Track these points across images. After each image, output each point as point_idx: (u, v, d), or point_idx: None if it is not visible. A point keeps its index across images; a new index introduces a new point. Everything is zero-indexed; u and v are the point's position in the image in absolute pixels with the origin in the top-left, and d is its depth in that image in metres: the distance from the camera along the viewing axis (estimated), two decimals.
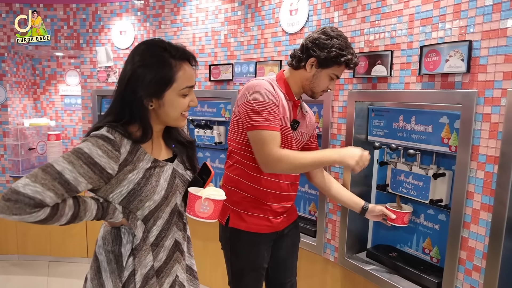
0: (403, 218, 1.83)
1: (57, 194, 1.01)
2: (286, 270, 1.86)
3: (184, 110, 1.21)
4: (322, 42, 1.58)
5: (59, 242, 3.78)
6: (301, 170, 1.65)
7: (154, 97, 1.15)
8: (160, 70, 1.13)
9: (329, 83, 1.65)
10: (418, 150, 1.83)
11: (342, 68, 1.65)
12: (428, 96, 1.69)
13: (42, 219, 1.01)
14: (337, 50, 1.57)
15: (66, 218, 1.06)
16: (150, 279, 1.20)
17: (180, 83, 1.16)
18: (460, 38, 1.55)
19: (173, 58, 1.15)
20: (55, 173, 1.01)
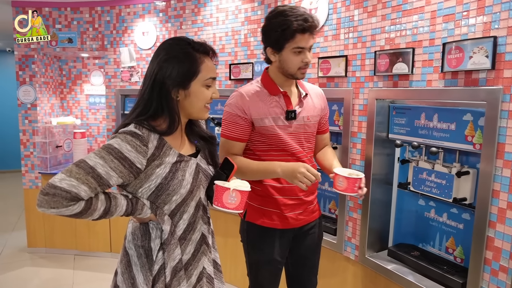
0: (354, 185, 1.50)
1: (90, 187, 1.06)
2: (306, 268, 1.85)
3: (207, 101, 1.26)
4: (265, 30, 1.60)
5: (84, 237, 3.88)
6: (247, 177, 1.60)
7: (181, 87, 1.20)
8: (186, 62, 1.19)
9: (299, 57, 1.58)
10: (440, 148, 1.79)
11: (300, 39, 1.55)
12: (451, 93, 1.65)
13: (77, 213, 1.06)
14: (278, 29, 1.53)
15: (99, 213, 1.11)
16: (179, 272, 1.24)
17: (204, 74, 1.22)
18: (485, 34, 1.51)
19: (197, 51, 1.22)
20: (88, 168, 1.06)
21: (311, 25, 1.54)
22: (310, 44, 1.59)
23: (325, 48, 2.27)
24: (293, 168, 1.50)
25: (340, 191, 1.53)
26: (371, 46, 2.02)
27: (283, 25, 1.52)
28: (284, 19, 1.53)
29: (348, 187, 1.50)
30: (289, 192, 1.70)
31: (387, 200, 2.14)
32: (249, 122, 1.63)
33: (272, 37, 1.58)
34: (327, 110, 1.85)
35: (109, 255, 3.81)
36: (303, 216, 1.75)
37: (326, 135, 1.87)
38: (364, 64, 2.06)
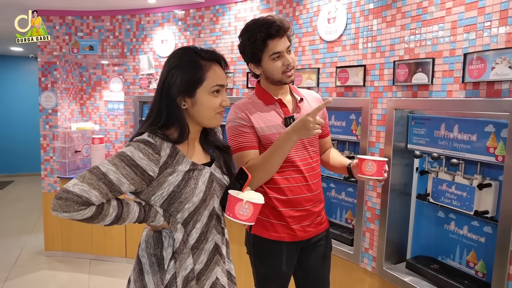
0: (382, 168, 1.51)
1: (101, 193, 1.09)
2: (316, 281, 1.81)
3: (216, 109, 1.25)
4: (240, 48, 1.62)
5: (100, 241, 3.94)
6: (270, 169, 1.53)
7: (186, 95, 1.22)
8: (190, 70, 1.21)
9: (279, 62, 1.57)
10: (461, 159, 1.77)
11: (272, 45, 1.55)
12: (473, 104, 1.64)
13: (88, 217, 1.09)
14: (249, 43, 1.55)
15: (110, 219, 1.14)
16: (190, 282, 1.24)
17: (210, 82, 1.22)
18: (507, 45, 1.49)
19: (203, 59, 1.23)
20: (100, 174, 1.10)
21: (278, 29, 1.53)
22: (285, 46, 1.57)
23: (343, 57, 2.28)
24: (302, 122, 1.41)
25: (369, 175, 1.50)
26: (390, 56, 2.01)
27: (251, 37, 1.54)
28: (251, 32, 1.55)
29: (377, 171, 1.49)
30: (295, 203, 1.66)
31: (406, 211, 2.12)
32: (254, 129, 1.61)
33: (247, 53, 1.59)
34: (326, 113, 1.83)
35: (124, 260, 3.86)
36: (310, 228, 1.71)
37: (328, 138, 1.85)
38: (383, 74, 2.05)
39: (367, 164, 1.50)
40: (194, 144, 1.32)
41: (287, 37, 1.59)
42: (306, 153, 1.67)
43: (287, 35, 1.59)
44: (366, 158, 1.51)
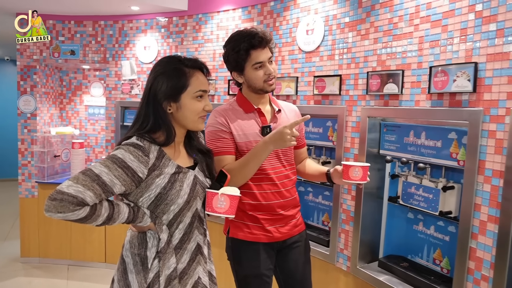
0: (367, 173, 1.61)
1: (95, 193, 1.15)
2: (298, 283, 1.86)
3: (200, 113, 1.35)
4: (224, 57, 1.72)
5: (79, 246, 3.93)
6: (245, 174, 1.63)
7: (171, 100, 1.31)
8: (175, 76, 1.30)
9: (261, 71, 1.67)
10: (428, 164, 1.93)
11: (255, 55, 1.65)
12: (437, 113, 1.80)
13: (82, 217, 1.14)
14: (233, 53, 1.65)
15: (102, 219, 1.20)
16: (173, 280, 1.31)
17: (194, 87, 1.32)
18: (467, 60, 1.66)
19: (186, 66, 1.33)
20: (94, 176, 1.16)
21: (260, 40, 1.63)
22: (267, 57, 1.67)
23: (321, 67, 2.42)
24: (279, 134, 1.52)
25: (356, 181, 1.59)
26: (363, 66, 2.17)
27: (235, 47, 1.64)
28: (235, 42, 1.65)
29: (363, 176, 1.58)
30: (268, 208, 1.73)
31: (378, 213, 2.27)
32: (232, 135, 1.69)
33: (231, 62, 1.68)
34: (303, 125, 1.93)
35: (104, 265, 3.87)
36: (285, 230, 1.77)
37: (304, 149, 1.95)
38: (357, 84, 2.21)
39: (354, 170, 1.59)
40: (179, 147, 1.41)
41: (269, 48, 1.70)
42: (279, 162, 1.75)
43: (269, 47, 1.70)
44: (352, 164, 1.60)
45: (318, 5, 2.44)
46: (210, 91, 1.40)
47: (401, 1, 1.97)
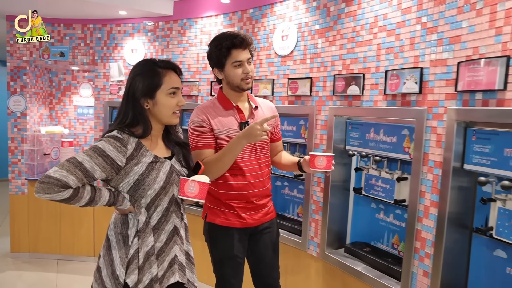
0: (331, 162, 1.80)
1: (78, 178, 1.36)
2: (266, 264, 2.04)
3: (173, 108, 1.54)
4: (208, 54, 1.90)
5: (68, 241, 4.12)
6: (222, 166, 1.81)
7: (148, 97, 1.49)
8: (150, 76, 1.50)
9: (240, 70, 1.84)
10: (385, 157, 2.18)
11: (235, 54, 1.82)
12: (392, 112, 2.06)
13: (66, 198, 1.35)
14: (216, 50, 1.84)
15: (85, 200, 1.41)
16: (151, 256, 1.51)
17: (167, 85, 1.51)
18: (415, 65, 1.92)
19: (160, 67, 1.52)
20: (77, 163, 1.37)
21: (241, 40, 1.82)
22: (246, 57, 1.85)
23: (294, 70, 2.67)
24: (250, 129, 1.70)
25: (321, 169, 1.79)
26: (331, 70, 2.42)
27: (219, 45, 1.83)
28: (218, 41, 1.84)
29: (327, 164, 1.78)
30: (242, 197, 1.91)
31: (345, 204, 2.52)
32: (212, 131, 1.86)
33: (213, 58, 1.86)
34: (278, 120, 2.13)
35: (93, 259, 4.06)
36: (257, 217, 1.97)
37: (279, 142, 2.16)
38: (326, 85, 2.46)
39: (319, 159, 1.81)
40: (157, 140, 1.60)
41: (249, 51, 1.90)
42: (256, 155, 1.95)
43: (249, 49, 1.89)
44: (317, 154, 1.83)
45: (292, 13, 2.69)
46: (182, 88, 1.59)
47: (362, 11, 2.23)
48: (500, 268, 1.69)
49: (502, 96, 1.54)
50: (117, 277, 1.46)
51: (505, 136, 1.58)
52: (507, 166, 1.56)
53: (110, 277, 1.48)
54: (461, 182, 1.75)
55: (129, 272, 1.46)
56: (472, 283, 1.80)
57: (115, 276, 1.46)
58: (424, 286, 1.87)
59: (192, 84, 3.38)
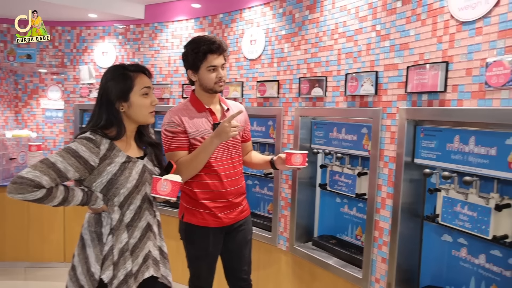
0: (305, 159, 1.95)
1: (51, 178, 1.43)
2: (240, 260, 2.16)
3: (148, 108, 1.63)
4: (184, 55, 2.01)
5: (36, 248, 4.09)
6: (196, 166, 1.92)
7: (122, 100, 1.58)
8: (122, 80, 1.60)
9: (214, 74, 1.95)
10: (347, 154, 2.40)
11: (211, 59, 1.93)
12: (352, 112, 2.27)
13: (39, 198, 1.42)
14: (192, 53, 1.93)
15: (58, 200, 1.48)
16: (125, 252, 1.58)
17: (139, 86, 1.61)
18: (371, 69, 2.14)
19: (130, 71, 1.62)
20: (50, 163, 1.44)
21: (218, 46, 1.93)
22: (221, 62, 1.96)
23: (262, 73, 2.86)
24: (220, 128, 1.83)
25: (297, 165, 1.93)
26: (296, 73, 2.62)
27: (195, 49, 1.93)
28: (196, 44, 1.94)
29: (303, 161, 1.93)
30: (219, 196, 2.02)
31: (312, 199, 2.72)
32: (186, 133, 1.95)
33: (189, 60, 1.96)
34: (248, 121, 2.24)
35: (63, 265, 4.04)
36: (233, 216, 2.07)
37: (249, 142, 2.27)
38: (292, 88, 2.66)
39: (296, 157, 1.96)
40: (130, 141, 1.70)
41: (223, 56, 2.03)
42: (229, 155, 2.05)
43: (224, 55, 2.02)
44: (294, 152, 1.98)
45: (260, 19, 2.88)
46: (154, 89, 1.70)
47: (324, 18, 2.44)
48: (447, 251, 1.92)
49: (443, 97, 1.78)
50: (92, 274, 1.53)
51: (447, 132, 1.81)
52: (449, 159, 1.80)
53: (85, 275, 1.54)
54: (412, 175, 1.98)
55: (104, 269, 1.53)
56: (425, 266, 2.03)
57: (90, 273, 1.53)
58: (382, 271, 2.09)
59: (163, 86, 3.52)
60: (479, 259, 1.78)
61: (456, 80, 1.73)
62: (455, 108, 1.73)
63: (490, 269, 1.74)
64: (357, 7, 2.22)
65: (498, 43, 1.59)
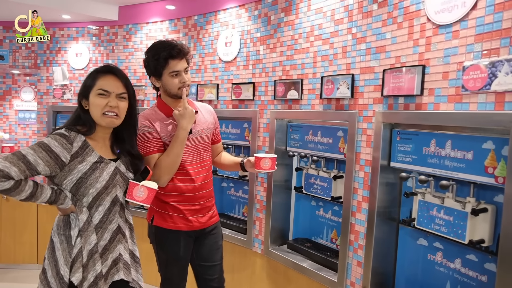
0: (275, 163, 1.86)
1: (20, 170, 1.35)
2: (211, 267, 2.01)
3: (103, 109, 1.50)
4: (145, 62, 1.87)
5: (8, 249, 3.83)
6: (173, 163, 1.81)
7: (83, 97, 1.53)
8: (87, 78, 1.56)
9: (177, 79, 1.82)
10: (323, 157, 2.26)
11: (172, 64, 1.80)
12: (328, 115, 2.13)
13: (6, 189, 1.34)
14: (153, 59, 1.80)
15: (25, 194, 1.40)
16: (94, 254, 1.50)
17: (97, 87, 1.52)
18: (347, 72, 2.00)
19: (98, 72, 1.56)
20: (20, 155, 1.38)
21: (178, 51, 1.79)
22: (183, 67, 1.83)
23: (238, 75, 2.69)
24: (180, 116, 1.78)
25: (266, 170, 1.84)
26: (272, 75, 2.46)
27: (156, 55, 1.79)
28: (156, 50, 1.80)
29: (271, 165, 1.84)
30: (189, 199, 1.90)
31: (287, 202, 2.57)
32: (158, 136, 1.84)
33: (151, 67, 1.83)
34: (217, 123, 2.10)
35: (36, 267, 3.80)
36: (204, 220, 1.95)
37: (220, 143, 2.15)
38: (267, 90, 2.50)
39: (264, 161, 1.85)
40: (104, 142, 1.59)
41: (186, 60, 1.87)
42: (199, 157, 1.94)
43: (186, 58, 1.87)
44: (262, 156, 1.85)
45: (235, 21, 2.71)
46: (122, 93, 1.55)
47: (300, 21, 2.29)
48: (422, 255, 1.81)
49: (420, 100, 1.65)
50: (62, 276, 1.45)
51: (423, 136, 1.69)
52: (426, 163, 1.68)
53: (55, 278, 1.47)
54: (388, 179, 1.85)
55: (73, 271, 1.46)
56: (400, 270, 1.91)
57: (60, 276, 1.46)
58: (358, 275, 1.95)
59: (138, 88, 3.29)
60: (455, 264, 1.67)
61: (433, 84, 1.61)
62: (432, 111, 1.61)
63: (466, 273, 1.63)
64: (333, 10, 2.08)
65: (475, 46, 1.48)
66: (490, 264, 1.55)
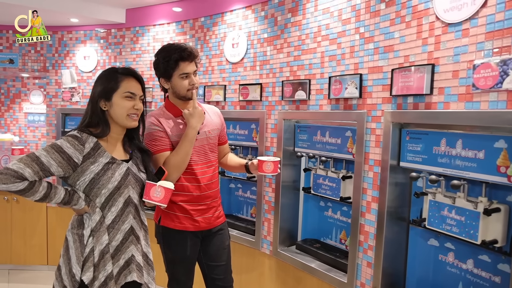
0: (277, 166, 1.86)
1: (34, 171, 1.39)
2: (219, 267, 2.01)
3: (128, 111, 1.55)
4: (155, 64, 1.89)
5: (19, 251, 3.86)
6: (183, 161, 1.82)
7: (104, 98, 1.55)
8: (108, 80, 1.57)
9: (186, 81, 1.85)
10: (331, 158, 2.24)
11: (183, 66, 1.83)
12: (336, 115, 2.12)
13: (21, 189, 1.38)
14: (164, 61, 1.83)
15: (40, 195, 1.43)
16: (106, 254, 1.51)
17: (123, 89, 1.55)
18: (355, 72, 1.99)
19: (119, 73, 1.58)
20: (34, 157, 1.41)
21: (189, 54, 1.83)
22: (193, 69, 1.86)
23: (245, 76, 2.68)
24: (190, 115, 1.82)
25: (268, 173, 1.84)
26: (279, 76, 2.45)
27: (166, 57, 1.82)
28: (166, 53, 1.83)
29: (274, 169, 1.84)
30: (199, 199, 1.91)
31: (295, 203, 2.55)
32: (167, 135, 1.86)
33: (161, 69, 1.85)
34: (224, 124, 2.12)
35: (46, 268, 3.82)
36: (210, 221, 1.96)
37: (226, 145, 2.16)
38: (275, 91, 2.49)
39: (267, 165, 1.85)
40: (116, 143, 1.61)
41: (195, 63, 1.90)
42: (206, 158, 1.95)
43: (195, 61, 1.89)
44: (265, 159, 1.86)
45: (241, 22, 2.70)
46: (142, 96, 1.61)
47: (307, 21, 2.28)
48: (433, 256, 1.78)
49: (429, 99, 1.63)
50: (74, 275, 1.48)
51: (433, 135, 1.67)
52: (436, 163, 1.66)
53: (67, 275, 1.50)
54: (398, 179, 1.83)
55: (84, 270, 1.48)
56: (411, 270, 1.89)
57: (72, 274, 1.48)
58: (368, 276, 1.94)
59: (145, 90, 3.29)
60: (467, 264, 1.65)
61: (443, 83, 1.59)
62: (442, 111, 1.60)
63: (479, 274, 1.61)
64: (340, 10, 2.07)
65: (485, 44, 1.46)
66: (503, 265, 1.53)
